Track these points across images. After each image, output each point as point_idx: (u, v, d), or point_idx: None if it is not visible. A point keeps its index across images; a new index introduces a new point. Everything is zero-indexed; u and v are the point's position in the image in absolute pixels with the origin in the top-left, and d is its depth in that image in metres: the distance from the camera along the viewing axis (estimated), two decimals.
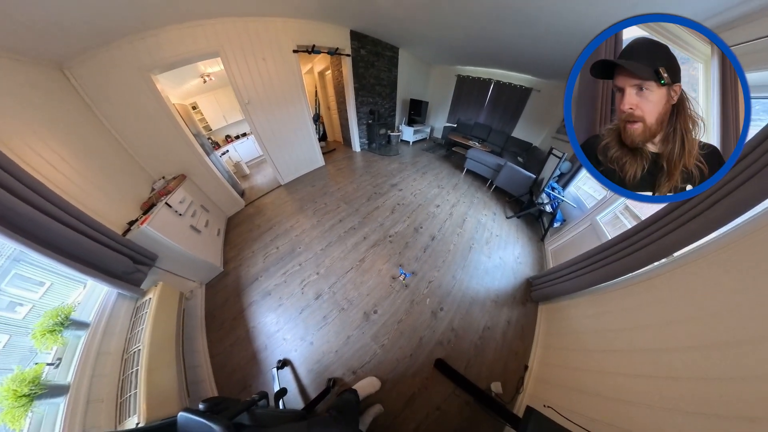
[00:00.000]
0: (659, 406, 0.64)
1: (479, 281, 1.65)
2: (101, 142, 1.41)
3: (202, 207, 1.88)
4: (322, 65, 3.70)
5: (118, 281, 1.01)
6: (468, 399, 1.05)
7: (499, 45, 2.36)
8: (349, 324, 1.33)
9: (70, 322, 0.83)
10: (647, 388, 0.70)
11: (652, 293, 0.86)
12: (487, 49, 2.65)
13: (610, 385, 0.81)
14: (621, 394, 0.76)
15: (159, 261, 1.28)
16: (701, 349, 0.62)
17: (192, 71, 2.83)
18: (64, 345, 0.80)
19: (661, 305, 0.80)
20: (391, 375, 1.12)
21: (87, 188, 1.15)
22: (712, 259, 0.70)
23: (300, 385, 1.11)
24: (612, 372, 0.83)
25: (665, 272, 0.83)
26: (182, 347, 1.06)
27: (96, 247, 0.94)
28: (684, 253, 0.79)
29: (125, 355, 0.89)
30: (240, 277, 1.65)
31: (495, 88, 3.53)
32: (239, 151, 3.98)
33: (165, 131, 1.73)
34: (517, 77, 3.24)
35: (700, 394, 0.57)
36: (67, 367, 0.78)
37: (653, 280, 0.87)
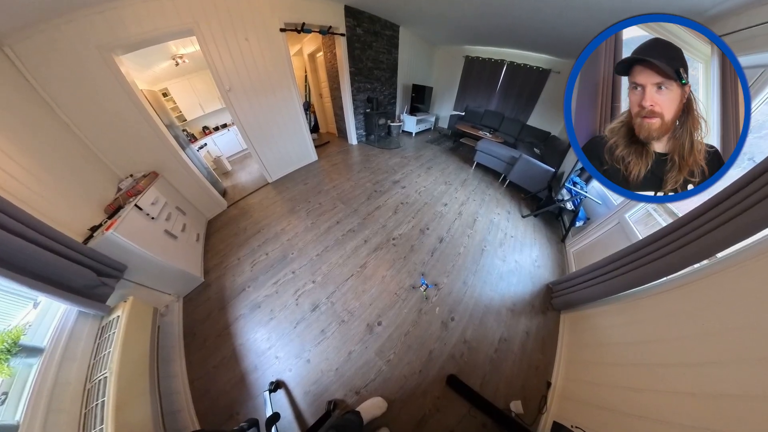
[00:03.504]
0: (705, 427, 0.64)
1: (493, 287, 1.65)
2: (54, 135, 1.34)
3: (177, 209, 1.85)
4: (313, 46, 3.65)
5: (79, 297, 0.95)
6: (485, 420, 1.04)
7: (512, 20, 2.35)
8: (350, 338, 1.32)
9: (18, 348, 0.77)
10: (690, 408, 0.69)
11: (691, 300, 0.85)
12: (498, 26, 2.63)
13: (644, 403, 0.80)
14: (661, 414, 0.75)
15: (128, 272, 1.24)
16: (752, 362, 0.62)
17: (162, 52, 2.77)
18: (11, 376, 0.74)
19: (703, 313, 0.80)
20: (398, 394, 1.11)
21: (37, 188, 1.10)
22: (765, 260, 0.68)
23: (296, 409, 1.08)
24: (646, 389, 0.83)
25: (706, 276, 0.82)
26: (157, 372, 1.02)
27: (49, 258, 0.88)
28: (729, 253, 0.78)
29: (88, 385, 0.83)
30: (224, 288, 1.63)
31: (508, 70, 3.50)
32: (219, 145, 3.94)
33: (132, 122, 1.68)
34: (533, 57, 3.20)
35: (758, 412, 0.56)
36: (15, 402, 0.72)
37: (692, 285, 0.86)
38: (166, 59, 2.92)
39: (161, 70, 3.04)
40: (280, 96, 2.53)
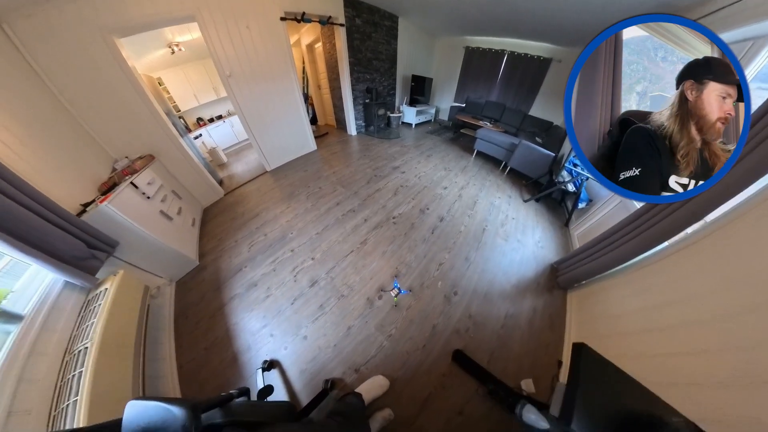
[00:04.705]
0: (730, 383, 0.62)
1: (496, 264, 1.63)
2: (48, 112, 1.33)
3: (174, 193, 1.82)
4: (311, 37, 3.69)
5: (67, 266, 0.92)
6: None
7: (510, 7, 2.38)
8: (349, 312, 1.29)
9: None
10: (711, 364, 0.68)
11: (700, 257, 0.85)
12: (499, 16, 2.65)
13: (657, 367, 0.79)
14: (674, 377, 0.74)
15: (120, 251, 1.22)
16: None
17: (158, 39, 2.76)
18: None
19: (713, 267, 0.79)
20: (401, 372, 1.07)
21: (31, 160, 1.08)
22: None
23: (290, 388, 1.04)
24: (663, 353, 0.81)
25: (708, 234, 0.83)
26: (144, 353, 0.97)
27: (38, 223, 0.86)
28: (736, 205, 0.79)
29: (67, 357, 0.79)
30: (220, 270, 1.60)
31: (509, 60, 3.52)
32: (214, 137, 3.93)
33: (130, 105, 1.67)
34: (534, 47, 3.21)
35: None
36: None
37: (694, 246, 0.87)
38: (162, 46, 2.92)
39: (156, 57, 3.03)
40: (281, 84, 2.53)
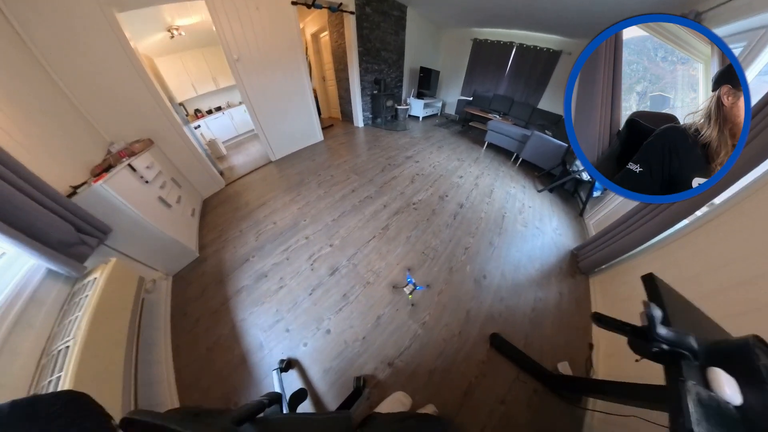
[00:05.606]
0: None
1: (519, 249, 1.62)
2: (38, 87, 1.21)
3: (173, 181, 1.71)
4: (317, 26, 3.62)
5: (53, 252, 0.78)
6: (536, 386, 0.95)
7: (529, 2, 2.39)
8: (377, 300, 1.22)
9: None
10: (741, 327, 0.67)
11: (737, 221, 0.85)
12: (515, 7, 2.63)
13: None
14: None
15: (113, 239, 1.09)
16: None
17: (157, 21, 2.62)
18: None
19: (742, 234, 0.80)
20: (439, 362, 1.00)
21: (18, 137, 0.97)
22: None
23: (312, 392, 0.91)
24: None
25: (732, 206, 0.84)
26: (136, 355, 0.82)
27: (19, 200, 0.72)
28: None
29: (44, 358, 0.66)
30: (223, 261, 1.48)
31: (517, 53, 3.52)
32: (213, 129, 3.80)
33: (129, 85, 1.56)
34: (543, 39, 3.22)
35: None
36: None
37: (718, 219, 0.88)
38: (161, 30, 2.78)
39: (154, 41, 2.88)
40: (289, 71, 2.46)
